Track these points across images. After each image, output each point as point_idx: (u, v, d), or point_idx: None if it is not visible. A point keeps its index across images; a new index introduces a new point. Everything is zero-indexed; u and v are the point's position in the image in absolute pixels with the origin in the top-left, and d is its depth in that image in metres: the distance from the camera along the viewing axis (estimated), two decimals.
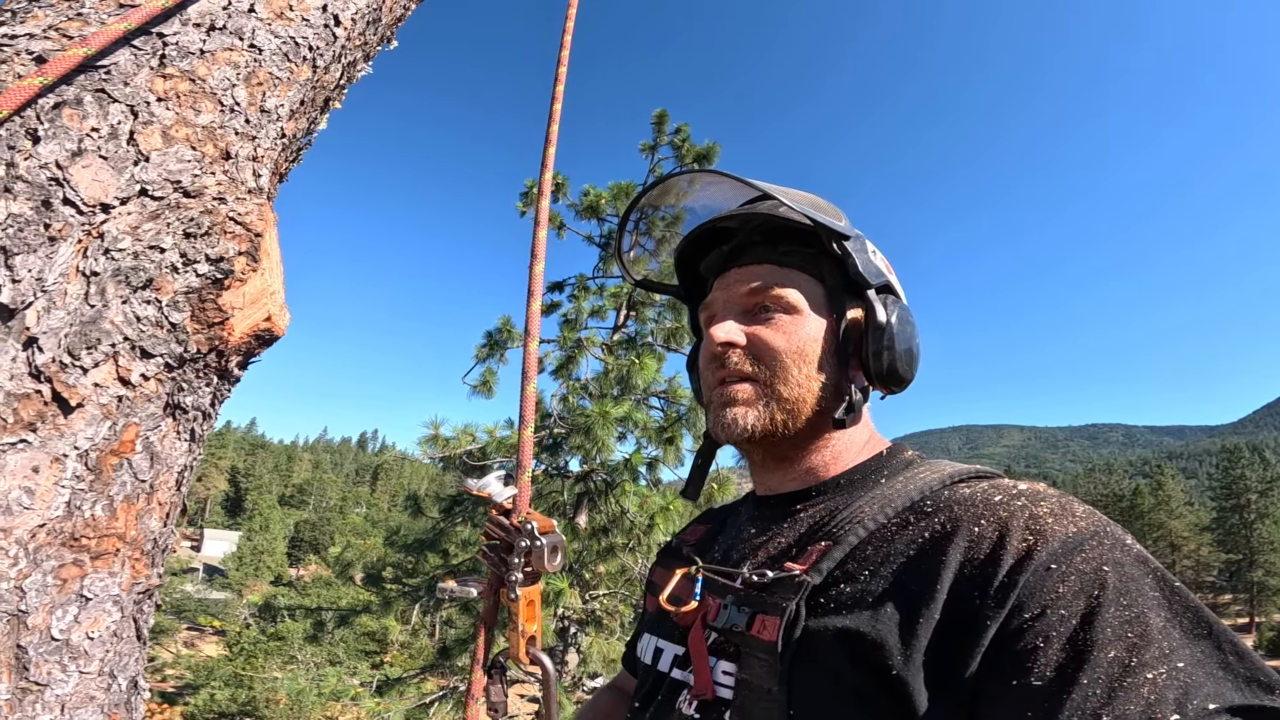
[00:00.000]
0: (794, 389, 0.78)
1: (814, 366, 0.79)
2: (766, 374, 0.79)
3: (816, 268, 0.82)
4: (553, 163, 1.04)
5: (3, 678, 0.52)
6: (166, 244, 0.59)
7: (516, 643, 0.79)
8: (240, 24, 0.75)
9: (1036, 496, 0.65)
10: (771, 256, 0.84)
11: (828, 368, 0.79)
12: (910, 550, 0.65)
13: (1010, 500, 0.65)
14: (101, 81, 0.61)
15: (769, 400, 0.79)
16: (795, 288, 0.82)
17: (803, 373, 0.78)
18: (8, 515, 0.52)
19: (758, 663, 0.66)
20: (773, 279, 0.82)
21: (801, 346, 0.79)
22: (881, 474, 0.78)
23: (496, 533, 0.80)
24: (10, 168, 0.53)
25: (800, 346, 0.79)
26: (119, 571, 0.61)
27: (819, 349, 0.80)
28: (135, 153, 0.61)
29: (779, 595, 0.68)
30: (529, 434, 0.77)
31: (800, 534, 0.76)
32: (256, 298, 0.65)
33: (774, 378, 0.79)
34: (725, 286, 0.86)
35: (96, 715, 0.59)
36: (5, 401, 0.52)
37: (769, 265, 0.83)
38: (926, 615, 0.59)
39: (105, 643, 0.60)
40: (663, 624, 0.84)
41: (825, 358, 0.80)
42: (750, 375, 0.80)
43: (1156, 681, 0.50)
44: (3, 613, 0.52)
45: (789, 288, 0.81)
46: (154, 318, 0.59)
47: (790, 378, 0.78)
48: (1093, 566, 0.57)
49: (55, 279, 0.54)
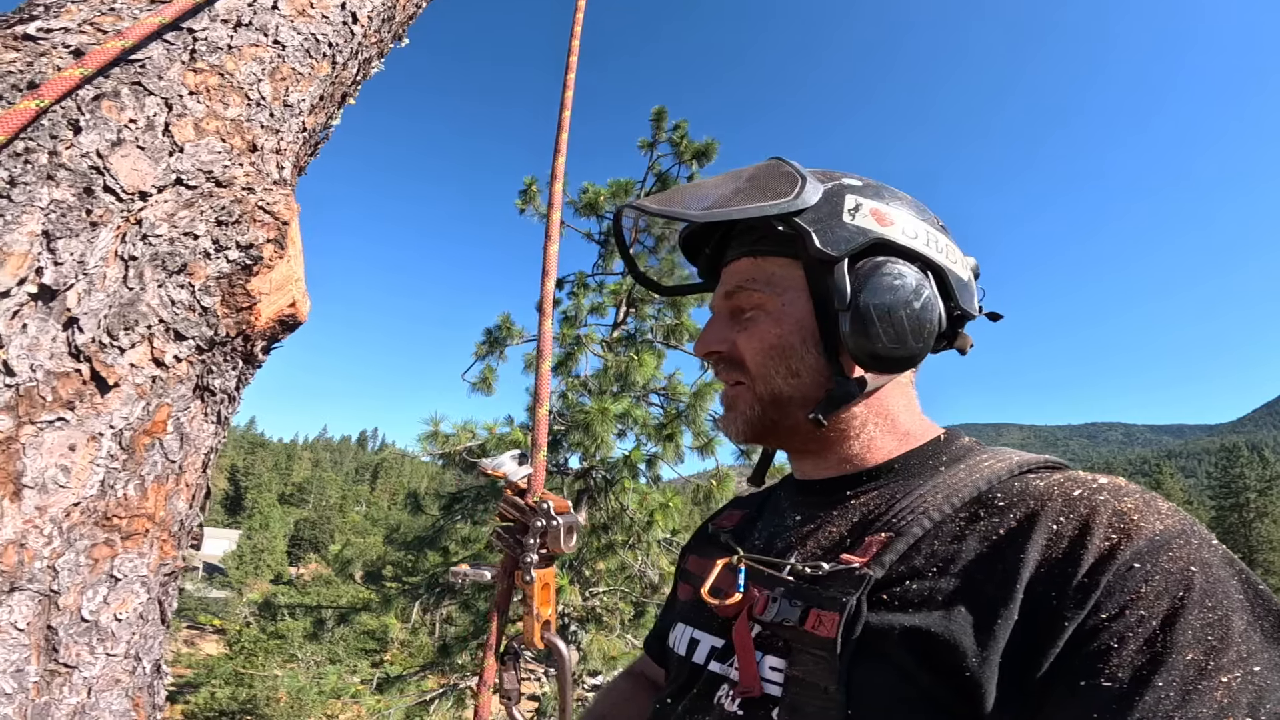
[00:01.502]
0: (772, 386, 0.76)
1: (797, 361, 0.76)
2: (748, 378, 0.78)
3: (792, 247, 0.76)
4: (563, 173, 1.05)
5: (32, 660, 0.52)
6: (200, 231, 0.62)
7: (531, 627, 0.78)
8: (265, 20, 0.78)
9: (1119, 491, 0.62)
10: (745, 249, 0.81)
11: (809, 360, 0.75)
12: (983, 547, 0.62)
13: (1092, 495, 0.62)
14: (137, 75, 0.63)
15: (754, 403, 0.78)
16: (767, 281, 0.78)
17: (788, 369, 0.76)
18: (44, 493, 0.52)
19: (812, 659, 0.63)
20: (746, 276, 0.80)
21: (778, 341, 0.76)
22: (940, 461, 0.74)
23: (511, 513, 0.80)
24: (53, 156, 0.56)
25: (775, 343, 0.76)
26: (148, 552, 0.61)
27: (800, 340, 0.75)
28: (170, 144, 0.63)
29: (836, 589, 0.64)
30: (544, 412, 0.78)
31: (854, 523, 0.72)
32: (282, 284, 0.67)
33: (755, 381, 0.78)
34: (719, 287, 0.85)
35: (121, 699, 0.59)
36: (45, 380, 0.53)
37: (745, 260, 0.81)
38: (1004, 616, 0.57)
39: (132, 625, 0.60)
40: (699, 614, 0.81)
41: (807, 348, 0.75)
42: (738, 379, 0.80)
43: (1231, 685, 0.49)
44: (36, 593, 0.52)
45: (759, 283, 0.78)
46: (187, 301, 0.61)
47: (771, 378, 0.76)
48: (1180, 566, 0.55)
49: (96, 263, 0.56)
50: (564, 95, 1.15)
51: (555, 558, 0.78)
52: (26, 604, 0.51)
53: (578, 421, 7.15)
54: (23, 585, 0.51)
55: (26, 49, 0.61)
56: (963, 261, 0.80)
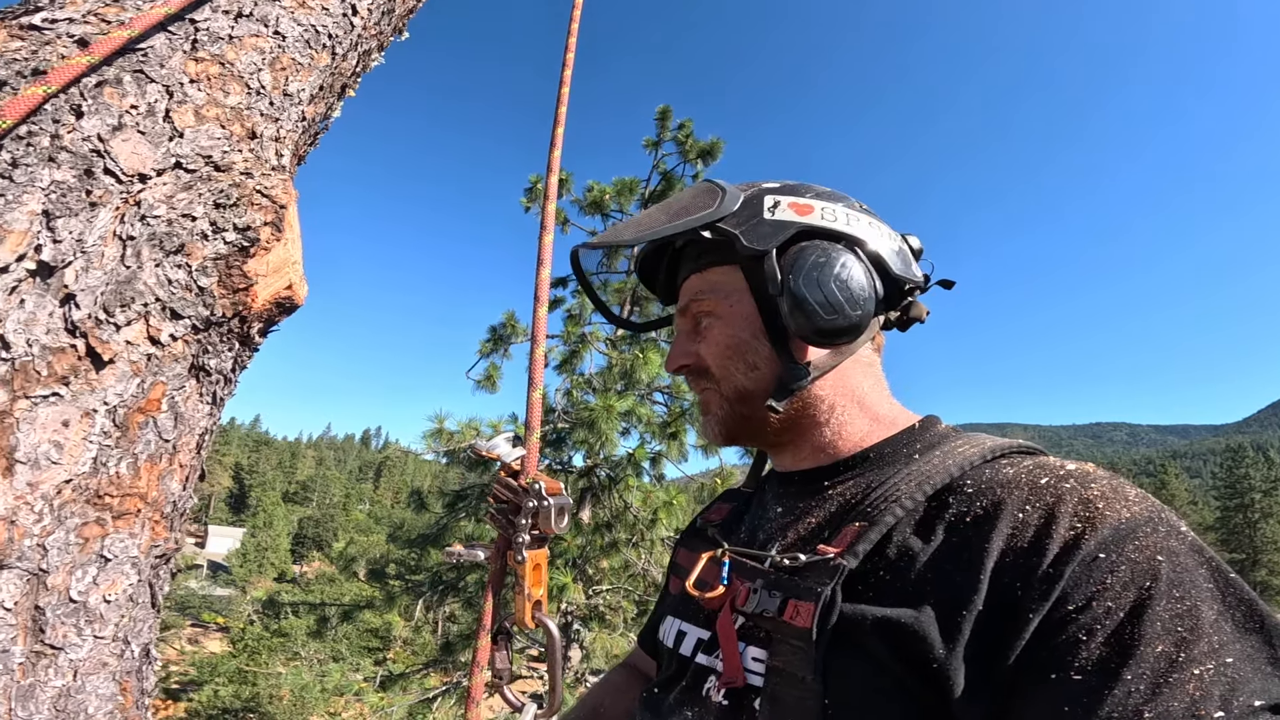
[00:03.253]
0: (736, 383, 0.79)
1: (752, 355, 0.78)
2: (713, 381, 0.82)
3: (729, 253, 0.79)
4: (558, 166, 1.07)
5: (19, 640, 0.51)
6: (198, 213, 0.63)
7: (522, 606, 0.78)
8: (265, 11, 0.79)
9: (1086, 478, 0.62)
10: (692, 266, 0.85)
11: (763, 352, 0.78)
12: (951, 535, 0.62)
13: (1058, 482, 0.62)
14: (140, 63, 0.65)
15: (723, 403, 0.81)
16: (713, 289, 0.82)
17: (746, 363, 0.79)
18: (36, 469, 0.52)
19: (791, 650, 0.63)
20: (696, 289, 0.84)
21: (732, 340, 0.79)
22: (914, 448, 0.75)
23: (504, 494, 0.81)
24: (55, 139, 0.57)
25: (731, 341, 0.79)
26: (139, 533, 0.60)
27: (750, 335, 0.79)
28: (170, 129, 0.64)
29: (813, 579, 0.65)
30: (537, 396, 0.79)
31: (831, 513, 0.73)
32: (279, 266, 0.68)
33: (720, 383, 0.81)
34: (676, 308, 0.90)
35: (108, 683, 0.58)
36: (41, 355, 0.53)
37: (694, 276, 0.85)
38: (969, 606, 0.57)
39: (121, 607, 0.59)
40: (687, 607, 0.82)
41: (760, 341, 0.78)
42: (706, 386, 0.83)
43: (1203, 677, 0.48)
44: (25, 571, 0.51)
45: (706, 293, 0.82)
46: (184, 281, 0.62)
47: (733, 376, 0.79)
48: (1146, 556, 0.54)
49: (94, 241, 0.57)
50: (560, 91, 1.17)
51: (547, 538, 0.79)
52: (15, 583, 0.51)
53: (582, 419, 7.16)
54: (11, 563, 0.50)
55: (31, 38, 0.62)
56: (892, 235, 0.82)
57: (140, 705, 0.64)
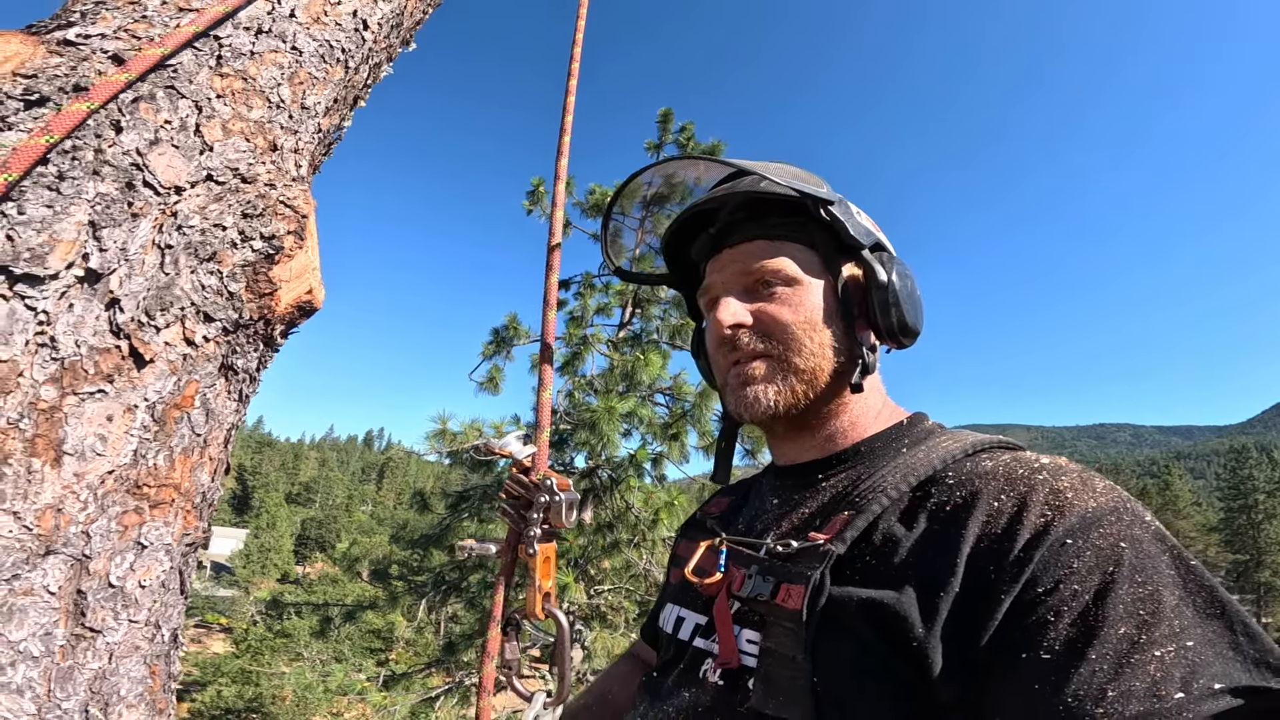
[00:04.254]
0: (809, 359, 0.79)
1: (824, 333, 0.80)
2: (780, 349, 0.80)
3: (807, 235, 0.83)
4: (565, 173, 1.10)
5: (61, 623, 0.53)
6: (228, 223, 0.67)
7: (533, 598, 0.81)
8: (283, 28, 0.83)
9: (1058, 471, 0.65)
10: (760, 231, 0.84)
11: (836, 332, 0.80)
12: (931, 523, 0.65)
13: (1031, 474, 0.65)
14: (171, 79, 0.69)
15: (786, 374, 0.79)
16: (790, 258, 0.82)
17: (815, 341, 0.79)
18: (82, 460, 0.55)
19: (783, 631, 0.66)
20: (766, 253, 0.83)
21: (809, 316, 0.80)
22: (903, 442, 0.78)
23: (516, 489, 0.84)
24: (98, 153, 0.61)
25: (808, 316, 0.80)
26: (173, 521, 0.64)
27: (824, 315, 0.80)
28: (201, 143, 0.68)
29: (804, 564, 0.68)
30: (547, 396, 0.83)
31: (823, 503, 0.76)
32: (300, 272, 0.73)
33: (788, 351, 0.79)
34: (720, 269, 0.87)
35: (140, 666, 0.61)
36: (88, 355, 0.56)
37: (760, 241, 0.84)
38: (946, 588, 0.59)
39: (154, 592, 0.62)
40: (686, 594, 0.85)
41: (832, 322, 0.80)
42: (763, 353, 0.81)
43: (1164, 659, 0.50)
44: (69, 557, 0.54)
45: (784, 259, 0.82)
46: (216, 286, 0.66)
47: (804, 349, 0.79)
48: (1110, 542, 0.57)
49: (136, 250, 0.61)
50: (566, 100, 1.20)
51: (557, 532, 0.82)
52: (60, 568, 0.53)
53: (584, 420, 7.19)
54: (58, 549, 0.53)
55: (69, 54, 0.66)
56: None
57: (167, 689, 0.66)
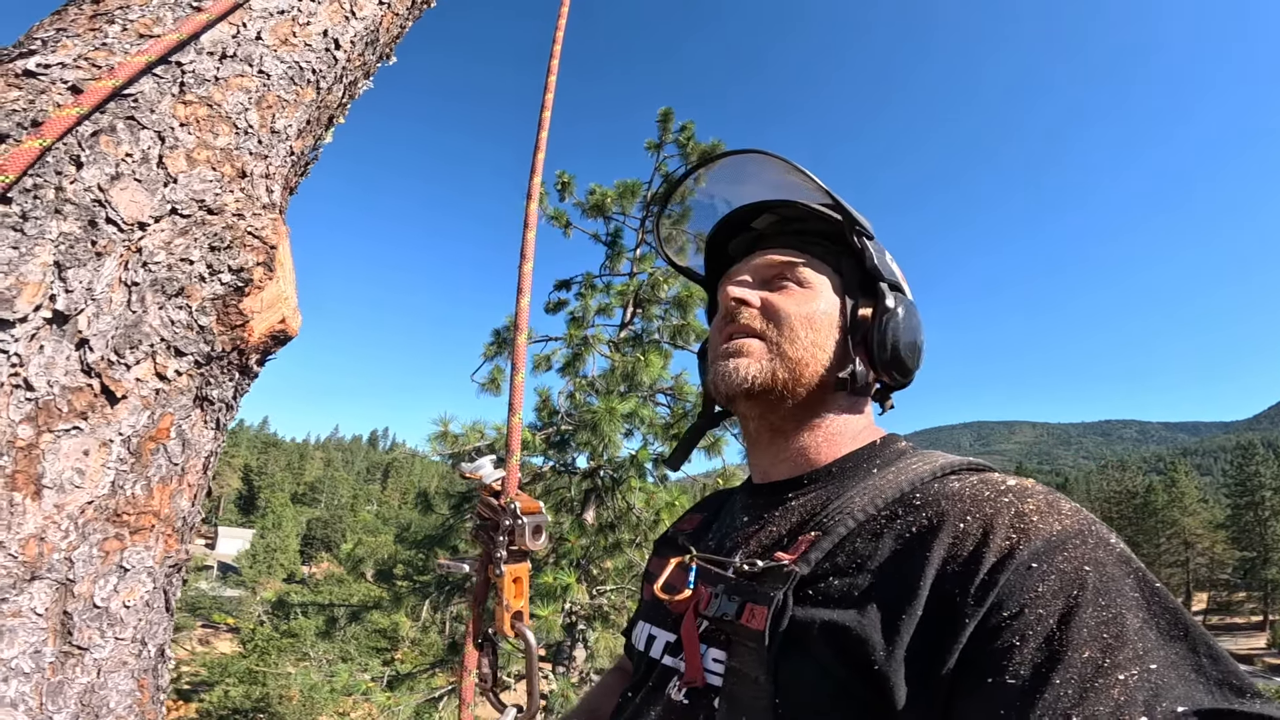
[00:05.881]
0: (799, 350, 0.81)
1: (821, 336, 0.82)
2: (774, 332, 0.82)
3: (835, 260, 0.87)
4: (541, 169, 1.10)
5: (49, 641, 0.56)
6: (194, 256, 0.67)
7: (501, 616, 0.82)
8: (249, 51, 0.82)
9: (1024, 493, 0.65)
10: (795, 244, 0.89)
11: (834, 343, 0.82)
12: (897, 545, 0.65)
13: (997, 496, 0.65)
14: (131, 109, 0.68)
15: (773, 356, 0.81)
16: (812, 269, 0.86)
17: (809, 338, 0.81)
18: (61, 493, 0.58)
19: (747, 651, 0.66)
20: (795, 258, 0.87)
21: (811, 315, 0.83)
22: (874, 464, 0.79)
23: (486, 513, 0.86)
24: (59, 191, 0.61)
25: (810, 314, 0.83)
26: (153, 545, 0.66)
27: (827, 324, 0.83)
28: (164, 175, 0.68)
29: (768, 585, 0.68)
30: (517, 420, 0.83)
31: (792, 523, 0.77)
32: (272, 302, 0.72)
33: (780, 336, 0.82)
34: (749, 260, 0.91)
35: (128, 680, 0.64)
36: (61, 394, 0.58)
37: (794, 250, 0.89)
38: (909, 611, 0.59)
39: (139, 611, 0.65)
40: (657, 612, 0.86)
41: (831, 334, 0.83)
42: (758, 332, 0.83)
43: (1128, 683, 0.50)
44: (54, 581, 0.57)
45: (806, 268, 0.86)
46: (185, 321, 0.66)
47: (797, 339, 0.81)
48: (1074, 566, 0.57)
49: (102, 289, 0.61)
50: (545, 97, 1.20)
51: (525, 554, 0.83)
52: (45, 591, 0.57)
53: (585, 421, 7.20)
54: (42, 574, 0.56)
55: (28, 86, 0.65)
56: None
57: (156, 700, 0.69)
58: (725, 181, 1.01)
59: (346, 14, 1.00)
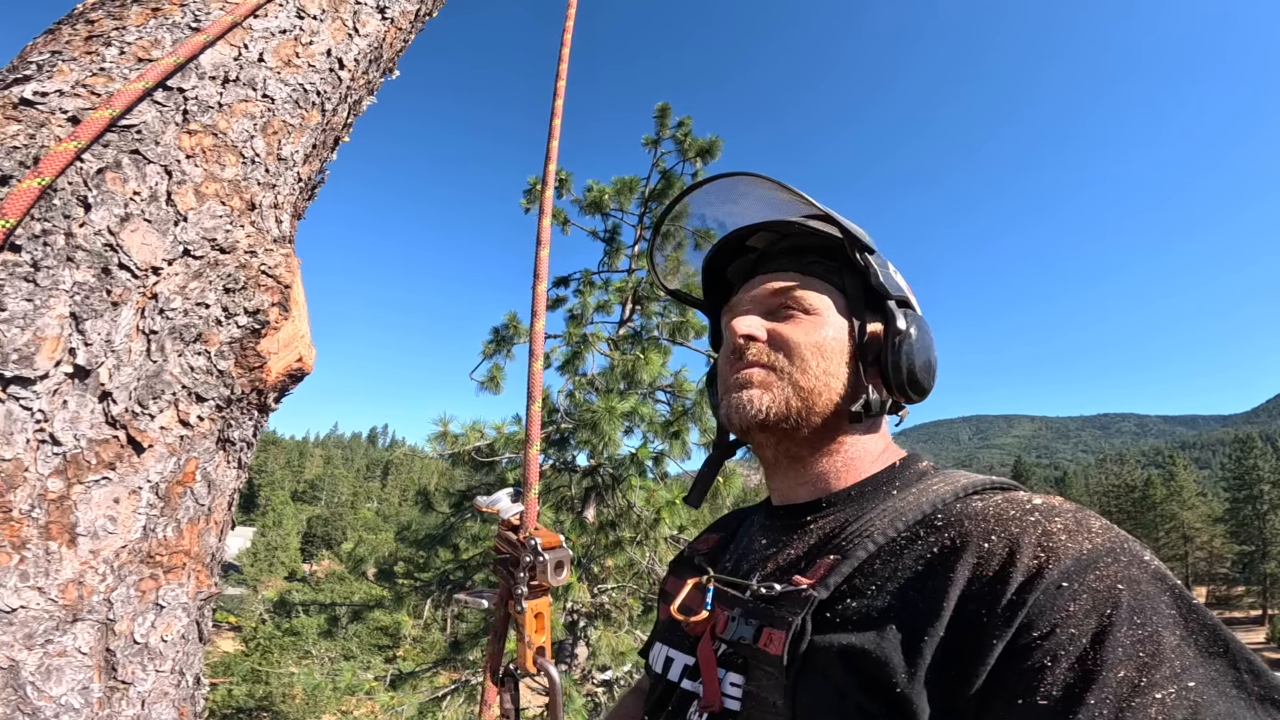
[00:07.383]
0: (811, 380, 0.80)
1: (832, 363, 0.81)
2: (784, 363, 0.81)
3: (839, 279, 0.86)
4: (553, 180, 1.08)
5: (95, 679, 0.59)
6: (210, 300, 0.66)
7: (523, 653, 0.81)
8: (252, 74, 0.80)
9: (1051, 511, 0.64)
10: (797, 266, 0.87)
11: (845, 369, 0.81)
12: (918, 566, 0.64)
13: (1023, 515, 0.63)
14: (135, 142, 0.66)
15: (784, 386, 0.80)
16: (816, 293, 0.85)
17: (820, 366, 0.80)
18: (95, 539, 0.59)
19: (764, 675, 0.66)
20: (799, 285, 0.85)
21: (821, 343, 0.81)
22: (894, 485, 0.78)
23: (505, 548, 0.84)
24: (69, 237, 0.59)
25: (819, 343, 0.81)
26: (186, 582, 0.69)
27: (837, 350, 0.82)
28: (174, 213, 0.66)
29: (786, 609, 0.67)
30: (535, 452, 0.81)
31: (810, 546, 0.76)
32: (288, 341, 0.71)
33: (792, 367, 0.81)
34: (750, 290, 0.89)
35: (169, 710, 0.66)
36: (88, 447, 0.59)
37: (794, 273, 0.87)
38: (931, 633, 0.58)
39: (176, 644, 0.68)
40: (674, 633, 0.85)
41: (841, 359, 0.82)
42: (768, 364, 0.82)
43: (1165, 701, 0.49)
44: (95, 622, 0.59)
45: (810, 292, 0.84)
46: (205, 367, 0.66)
47: (808, 368, 0.80)
48: (1107, 584, 0.56)
49: (121, 340, 0.61)
50: (557, 84, 1.18)
51: (546, 590, 0.81)
52: (88, 631, 0.59)
53: (585, 419, 7.19)
54: (84, 616, 0.58)
55: (27, 118, 0.63)
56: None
57: None
58: (718, 202, 1.00)
59: (350, 31, 0.98)
